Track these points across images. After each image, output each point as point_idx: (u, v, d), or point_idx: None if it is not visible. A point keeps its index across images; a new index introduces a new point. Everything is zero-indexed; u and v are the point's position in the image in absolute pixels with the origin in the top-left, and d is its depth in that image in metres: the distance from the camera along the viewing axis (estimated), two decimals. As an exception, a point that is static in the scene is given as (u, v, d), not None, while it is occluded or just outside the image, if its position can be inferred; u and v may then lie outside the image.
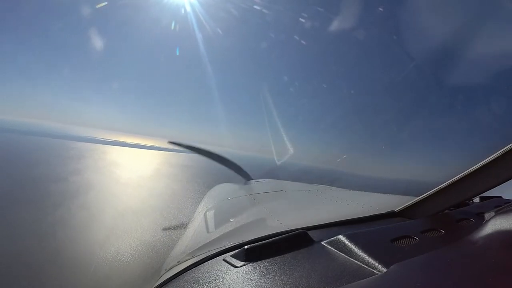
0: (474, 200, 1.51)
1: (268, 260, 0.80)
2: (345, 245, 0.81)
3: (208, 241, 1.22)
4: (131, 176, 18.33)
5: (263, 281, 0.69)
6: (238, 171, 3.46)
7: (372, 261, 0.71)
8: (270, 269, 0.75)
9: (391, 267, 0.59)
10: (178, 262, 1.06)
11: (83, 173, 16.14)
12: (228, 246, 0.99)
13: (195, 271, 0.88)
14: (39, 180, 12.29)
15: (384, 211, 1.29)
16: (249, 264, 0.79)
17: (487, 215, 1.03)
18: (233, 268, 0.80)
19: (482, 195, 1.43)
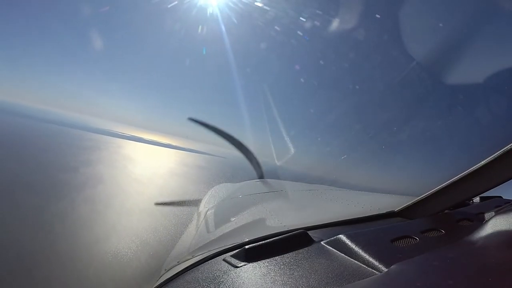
0: (474, 200, 1.51)
1: (268, 260, 0.80)
2: (345, 245, 0.81)
3: (208, 241, 1.22)
4: (140, 173, 18.29)
5: (263, 281, 0.69)
6: (254, 164, 3.38)
7: (372, 261, 0.71)
8: (270, 269, 0.75)
9: (391, 267, 0.59)
10: (178, 262, 1.06)
11: (93, 165, 16.20)
12: (228, 246, 0.99)
13: (195, 271, 0.88)
14: (49, 168, 12.34)
15: (384, 211, 1.28)
16: (249, 264, 0.79)
17: (487, 215, 1.03)
18: (233, 268, 0.80)
19: (482, 195, 1.42)
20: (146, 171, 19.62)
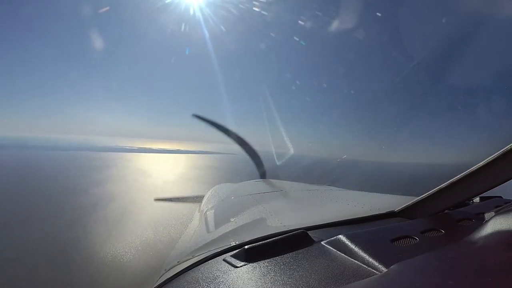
0: (474, 200, 1.50)
1: (268, 260, 0.80)
2: (345, 245, 0.81)
3: (208, 241, 1.21)
4: (154, 183, 18.09)
5: (263, 281, 0.69)
6: (257, 161, 3.40)
7: (372, 261, 0.71)
8: (270, 269, 0.75)
9: (391, 267, 0.59)
10: (178, 262, 1.06)
11: (105, 184, 16.21)
12: (228, 246, 0.99)
13: (195, 271, 0.88)
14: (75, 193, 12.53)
15: (384, 211, 1.28)
16: (249, 264, 0.79)
17: (487, 215, 1.03)
18: (233, 268, 0.80)
19: (482, 195, 1.42)
20: (159, 181, 19.43)
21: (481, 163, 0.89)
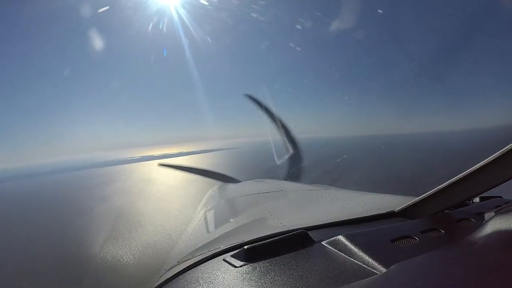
0: (474, 200, 1.50)
1: (268, 260, 0.80)
2: (345, 245, 0.81)
3: (208, 241, 1.22)
4: (159, 189, 18.10)
5: (263, 281, 0.69)
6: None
7: (372, 261, 0.71)
8: (270, 269, 0.75)
9: (391, 267, 0.59)
10: (178, 262, 1.06)
11: (109, 199, 16.44)
12: (228, 246, 0.99)
13: (195, 271, 0.88)
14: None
15: (384, 211, 1.28)
16: (249, 264, 0.79)
17: (487, 215, 1.03)
18: (233, 268, 0.80)
19: (482, 195, 1.42)
20: (163, 188, 19.40)
21: (481, 163, 0.88)
